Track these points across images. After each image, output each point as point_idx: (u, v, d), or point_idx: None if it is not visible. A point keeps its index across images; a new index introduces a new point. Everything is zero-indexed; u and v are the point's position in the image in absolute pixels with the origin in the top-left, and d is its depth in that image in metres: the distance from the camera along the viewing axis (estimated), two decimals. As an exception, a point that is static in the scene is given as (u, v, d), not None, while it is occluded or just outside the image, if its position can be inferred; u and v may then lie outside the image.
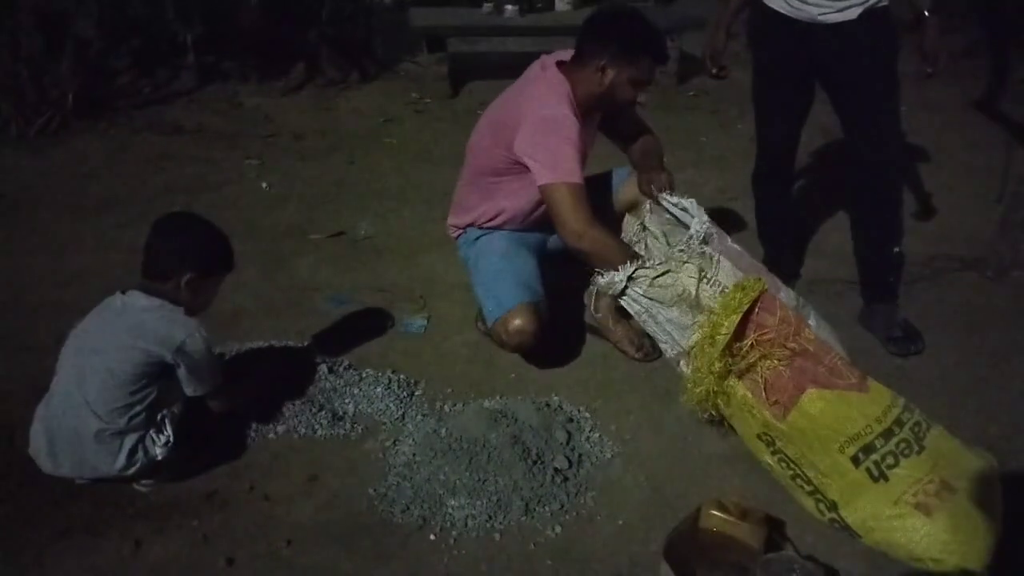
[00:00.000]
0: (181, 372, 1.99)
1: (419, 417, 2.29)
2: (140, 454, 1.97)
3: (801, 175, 3.72)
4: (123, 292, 2.03)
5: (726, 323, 1.89)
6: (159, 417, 2.01)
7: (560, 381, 2.50)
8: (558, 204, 2.21)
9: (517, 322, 2.33)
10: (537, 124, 2.27)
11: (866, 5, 2.40)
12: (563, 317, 2.82)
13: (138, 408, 1.95)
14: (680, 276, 1.99)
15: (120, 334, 1.96)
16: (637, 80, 2.34)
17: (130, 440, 1.95)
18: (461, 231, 2.64)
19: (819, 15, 2.44)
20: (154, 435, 1.99)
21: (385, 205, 3.73)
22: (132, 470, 1.97)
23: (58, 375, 2.03)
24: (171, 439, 2.00)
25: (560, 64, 2.39)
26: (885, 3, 2.44)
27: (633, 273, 2.01)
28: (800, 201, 3.18)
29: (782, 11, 2.51)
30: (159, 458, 1.99)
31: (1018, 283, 3.04)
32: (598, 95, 2.34)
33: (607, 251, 2.17)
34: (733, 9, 2.71)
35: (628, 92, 2.35)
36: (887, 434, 1.82)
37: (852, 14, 2.41)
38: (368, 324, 2.77)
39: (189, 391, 2.03)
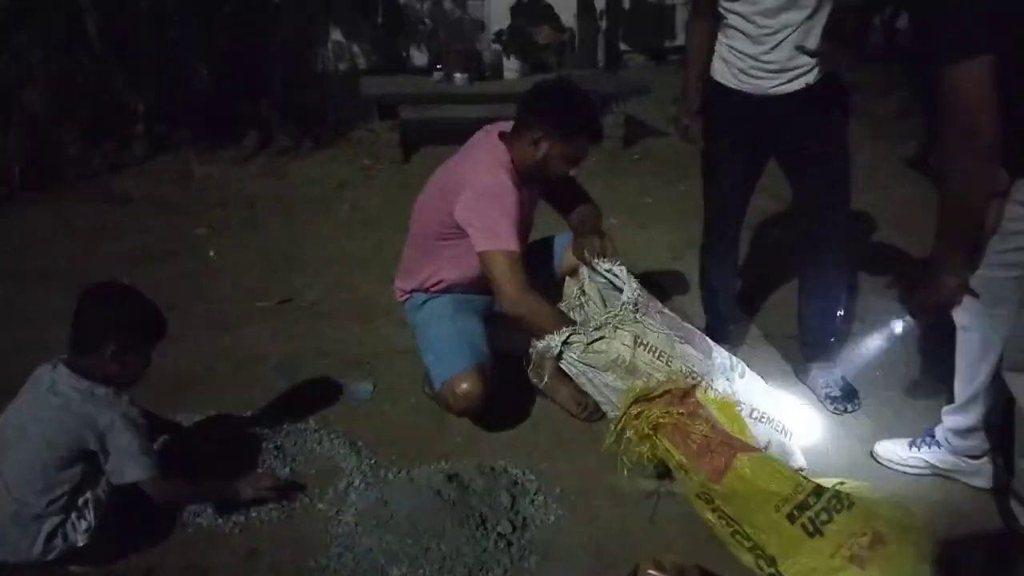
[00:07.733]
0: (107, 458, 1.91)
1: (363, 486, 2.27)
2: (59, 539, 1.89)
3: (752, 241, 3.80)
4: (53, 366, 1.97)
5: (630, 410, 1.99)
6: (81, 501, 1.92)
7: (507, 443, 2.50)
8: (495, 272, 2.27)
9: (464, 386, 2.35)
10: (477, 191, 2.33)
11: (817, 72, 2.33)
12: (510, 379, 2.84)
13: (58, 492, 1.88)
14: (614, 342, 2.03)
15: (44, 414, 1.90)
16: (570, 156, 2.39)
17: (49, 524, 1.87)
18: (407, 295, 2.66)
19: (770, 88, 2.37)
20: (75, 520, 1.91)
21: (335, 271, 3.75)
22: (51, 556, 1.89)
23: None
24: (92, 525, 1.92)
25: (502, 133, 2.46)
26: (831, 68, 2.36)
27: (568, 339, 2.05)
28: (746, 267, 3.06)
29: (731, 85, 2.45)
30: (79, 544, 1.91)
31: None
32: (532, 166, 2.39)
33: (540, 318, 2.24)
34: (697, 75, 2.56)
35: (560, 166, 2.40)
36: (817, 492, 1.88)
37: (803, 83, 2.34)
38: (314, 392, 2.76)
39: (115, 479, 1.94)
